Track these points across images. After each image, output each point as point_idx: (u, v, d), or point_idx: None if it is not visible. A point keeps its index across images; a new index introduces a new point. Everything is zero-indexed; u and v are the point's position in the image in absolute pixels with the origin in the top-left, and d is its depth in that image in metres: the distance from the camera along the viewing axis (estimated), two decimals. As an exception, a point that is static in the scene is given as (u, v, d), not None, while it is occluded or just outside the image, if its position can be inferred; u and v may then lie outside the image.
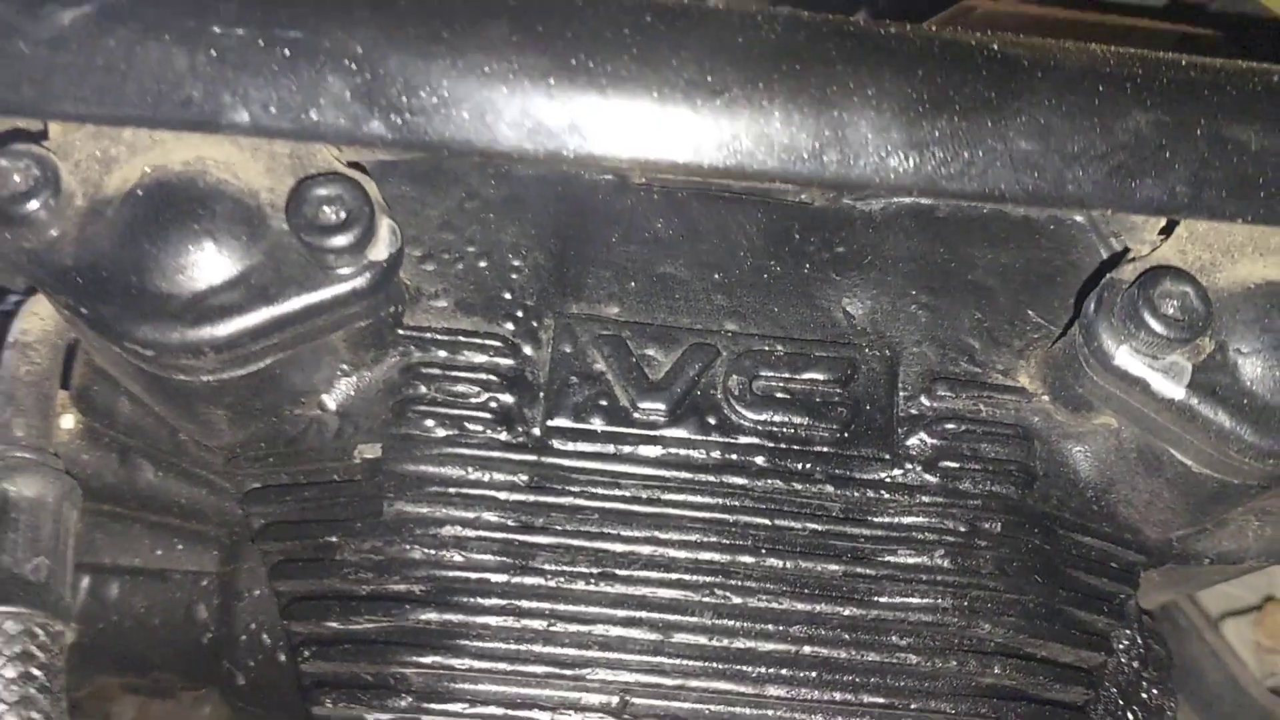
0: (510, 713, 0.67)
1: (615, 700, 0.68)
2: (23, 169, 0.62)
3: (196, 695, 1.11)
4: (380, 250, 0.64)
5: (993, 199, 0.62)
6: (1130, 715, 0.78)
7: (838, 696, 0.68)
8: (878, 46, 0.62)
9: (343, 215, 0.62)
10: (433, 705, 0.68)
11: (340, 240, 0.62)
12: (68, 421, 0.83)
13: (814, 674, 0.68)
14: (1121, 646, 0.79)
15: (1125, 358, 0.67)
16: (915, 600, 0.69)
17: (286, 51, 0.58)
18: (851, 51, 0.61)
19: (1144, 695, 0.79)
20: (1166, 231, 0.70)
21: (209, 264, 0.62)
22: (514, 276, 0.75)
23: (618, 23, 0.60)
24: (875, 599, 0.69)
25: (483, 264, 0.75)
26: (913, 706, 0.68)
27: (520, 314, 0.74)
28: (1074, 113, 0.61)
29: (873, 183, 0.61)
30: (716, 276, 0.76)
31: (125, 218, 0.62)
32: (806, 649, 0.68)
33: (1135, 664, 0.80)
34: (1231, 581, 1.29)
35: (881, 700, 0.68)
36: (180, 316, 0.62)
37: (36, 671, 0.66)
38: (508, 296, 0.74)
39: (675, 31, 0.60)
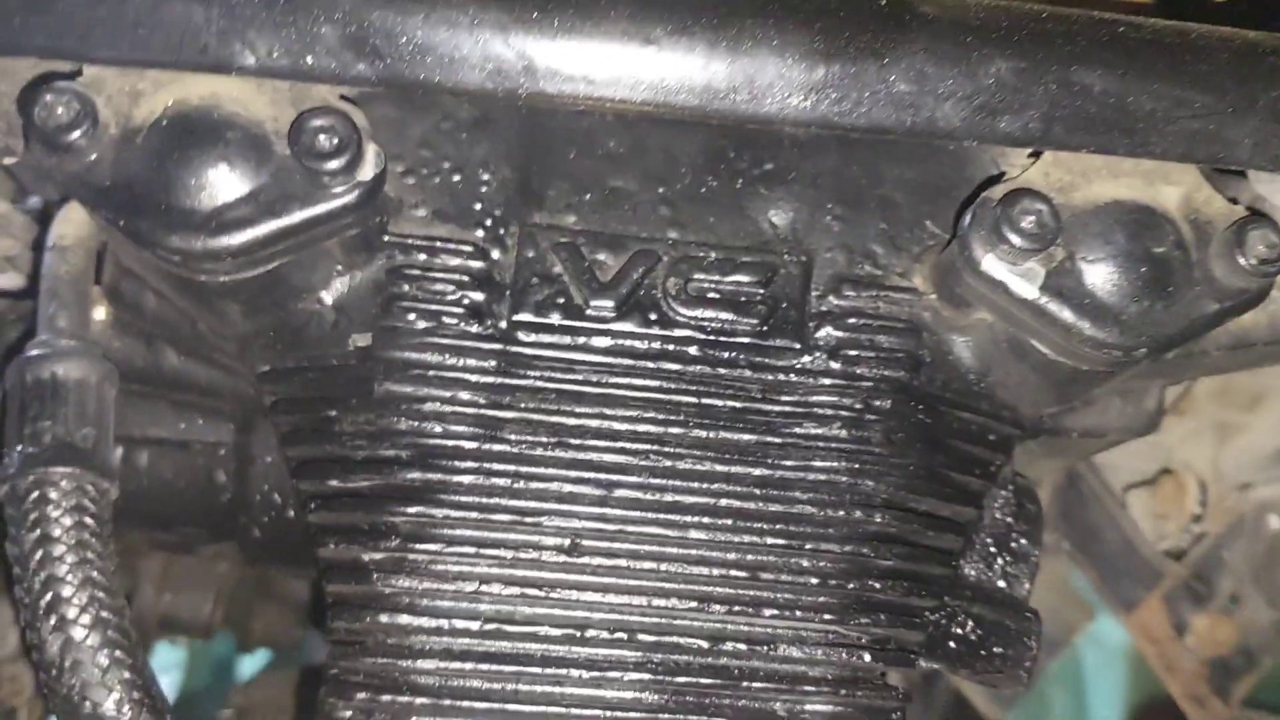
0: (481, 551, 0.82)
1: (568, 542, 0.83)
2: (65, 103, 0.73)
3: (215, 551, 1.27)
4: (367, 171, 0.76)
5: (877, 133, 0.74)
6: (1000, 559, 0.94)
7: (747, 539, 0.82)
8: (784, 2, 0.73)
9: (335, 142, 0.74)
10: (417, 546, 0.82)
11: (333, 164, 0.74)
12: (100, 313, 0.96)
13: (729, 521, 0.83)
14: (997, 504, 0.94)
15: (990, 264, 0.80)
16: (815, 463, 0.84)
17: (286, 6, 0.70)
18: (760, 6, 0.73)
19: (1013, 544, 0.94)
20: (1035, 156, 0.82)
21: (224, 184, 0.75)
22: (483, 189, 0.86)
23: (564, -18, 0.71)
24: (782, 462, 0.84)
25: (456, 178, 0.86)
26: (808, 547, 0.83)
27: (489, 222, 0.86)
28: (945, 60, 0.73)
29: (777, 119, 0.73)
30: (660, 190, 0.88)
31: (153, 144, 0.74)
32: (723, 501, 0.83)
33: (1009, 519, 0.95)
34: (1136, 455, 1.45)
35: (783, 542, 0.83)
36: (202, 228, 0.74)
37: (88, 520, 0.80)
38: (478, 207, 0.86)
39: (612, -11, 0.72)
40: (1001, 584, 0.93)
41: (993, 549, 0.94)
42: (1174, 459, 1.41)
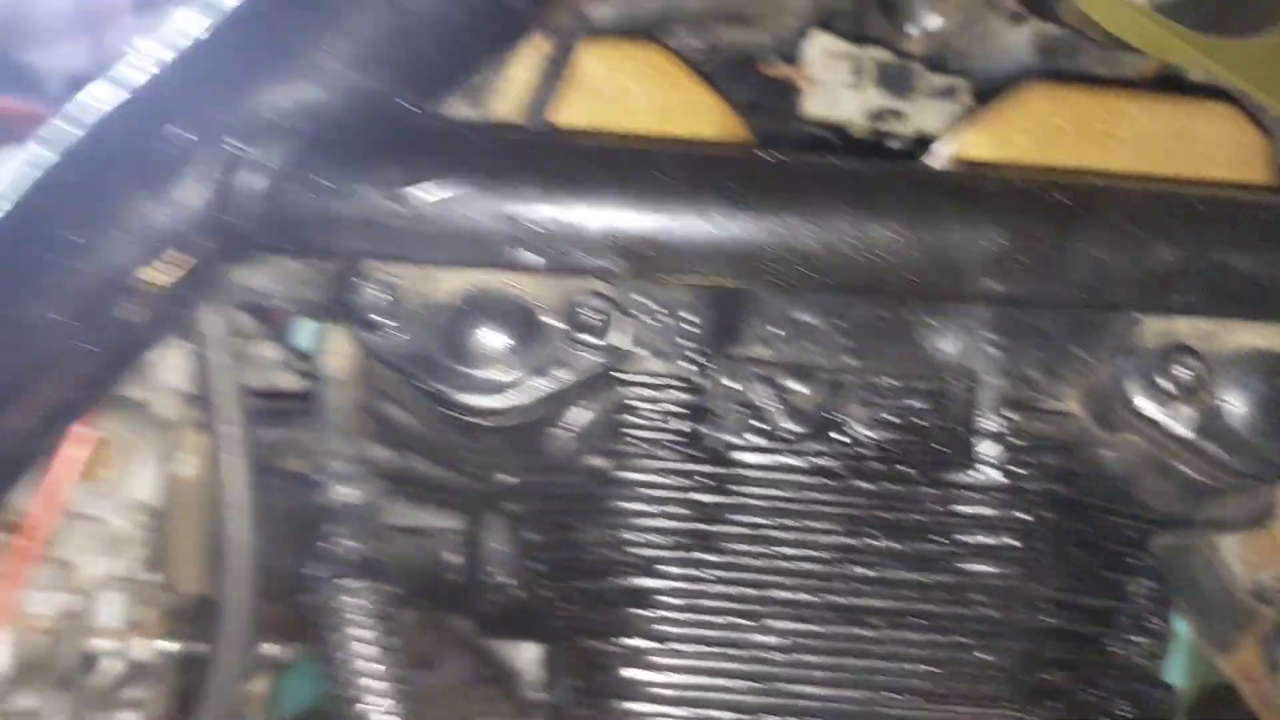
0: (705, 648, 0.97)
1: (785, 642, 0.97)
2: (375, 289, 0.89)
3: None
4: (624, 341, 0.91)
5: (1055, 306, 0.88)
6: (1136, 638, 1.08)
7: (936, 638, 0.97)
8: (977, 198, 0.87)
9: (600, 320, 0.90)
10: (650, 641, 0.98)
11: (597, 339, 0.90)
12: (359, 430, 1.11)
13: (919, 622, 0.97)
14: (1133, 590, 1.08)
15: (1143, 403, 0.93)
16: (990, 569, 0.98)
17: (557, 222, 0.85)
18: (958, 203, 0.87)
19: (1148, 625, 1.08)
20: (1181, 304, 0.96)
21: (507, 354, 0.90)
22: (689, 329, 1.01)
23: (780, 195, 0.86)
24: (962, 568, 0.98)
25: (668, 320, 1.01)
26: (989, 644, 0.97)
27: (695, 357, 1.01)
28: (1114, 248, 0.86)
29: (973, 297, 0.87)
30: (840, 322, 1.02)
31: (449, 320, 0.90)
32: (914, 605, 0.98)
33: (1144, 601, 1.09)
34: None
35: (966, 640, 0.97)
36: (489, 390, 0.90)
37: (386, 622, 0.96)
38: (686, 344, 1.01)
39: (817, 197, 0.86)
40: (1140, 662, 1.07)
41: (1132, 631, 1.07)
42: (1267, 512, 1.53)
